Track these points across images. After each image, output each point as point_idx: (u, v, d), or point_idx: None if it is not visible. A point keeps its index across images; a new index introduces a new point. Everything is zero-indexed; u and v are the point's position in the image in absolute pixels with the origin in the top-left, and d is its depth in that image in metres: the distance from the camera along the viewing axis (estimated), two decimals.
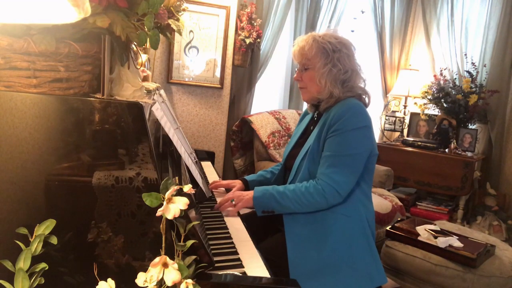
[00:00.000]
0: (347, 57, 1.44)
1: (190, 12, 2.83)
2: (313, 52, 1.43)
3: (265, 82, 3.42)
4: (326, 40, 1.43)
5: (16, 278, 0.77)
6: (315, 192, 1.34)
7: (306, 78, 1.47)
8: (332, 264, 1.33)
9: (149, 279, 0.76)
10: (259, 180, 1.72)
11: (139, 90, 0.99)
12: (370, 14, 3.77)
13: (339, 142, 1.36)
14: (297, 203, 1.36)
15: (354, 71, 1.46)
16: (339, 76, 1.43)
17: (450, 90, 3.47)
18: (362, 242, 1.39)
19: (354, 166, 1.36)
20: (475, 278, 1.78)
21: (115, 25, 0.86)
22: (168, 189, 0.82)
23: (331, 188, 1.33)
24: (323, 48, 1.42)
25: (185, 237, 0.85)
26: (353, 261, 1.35)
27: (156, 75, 2.87)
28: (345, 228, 1.38)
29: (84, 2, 0.69)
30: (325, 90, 1.44)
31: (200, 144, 3.08)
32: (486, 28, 3.46)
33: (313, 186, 1.35)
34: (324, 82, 1.43)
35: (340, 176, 1.34)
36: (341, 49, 1.43)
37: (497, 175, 3.46)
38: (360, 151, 1.37)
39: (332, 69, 1.42)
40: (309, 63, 1.45)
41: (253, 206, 1.42)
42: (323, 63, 1.42)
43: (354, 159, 1.36)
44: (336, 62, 1.42)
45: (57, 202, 0.88)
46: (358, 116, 1.38)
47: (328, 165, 1.36)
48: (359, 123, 1.37)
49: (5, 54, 0.83)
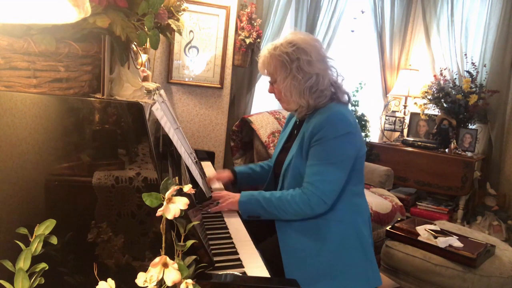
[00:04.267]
0: (307, 63, 1.38)
1: (190, 12, 2.83)
2: (271, 67, 1.42)
3: (265, 82, 3.41)
4: (282, 52, 1.38)
5: (16, 278, 0.77)
6: (300, 202, 1.33)
7: (276, 91, 1.47)
8: (327, 270, 1.33)
9: (149, 279, 0.76)
10: (248, 172, 1.75)
11: (139, 90, 0.99)
12: (370, 14, 3.77)
13: (322, 151, 1.35)
14: (282, 211, 1.36)
15: (319, 75, 1.40)
16: (302, 86, 1.39)
17: (450, 90, 3.47)
18: (356, 246, 1.38)
19: (338, 174, 1.35)
20: (475, 278, 1.78)
21: (115, 25, 0.86)
22: (168, 189, 0.82)
23: (317, 197, 1.32)
24: (280, 61, 1.39)
25: (185, 237, 0.85)
26: (348, 265, 1.35)
27: (156, 75, 2.87)
28: (338, 234, 1.37)
29: (84, 2, 0.69)
30: (292, 102, 1.43)
31: (200, 144, 3.08)
32: (486, 28, 3.46)
33: (298, 195, 1.34)
34: (290, 94, 1.41)
35: (325, 185, 1.33)
36: (299, 57, 1.37)
37: (497, 175, 3.46)
38: (343, 159, 1.35)
39: (292, 82, 1.39)
40: (272, 78, 1.46)
41: (238, 210, 1.43)
42: (283, 76, 1.40)
43: (337, 167, 1.34)
44: (295, 73, 1.38)
45: (57, 202, 0.88)
46: (338, 124, 1.35)
47: (313, 173, 1.35)
48: (341, 130, 1.35)
49: (5, 54, 0.83)
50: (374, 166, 3.19)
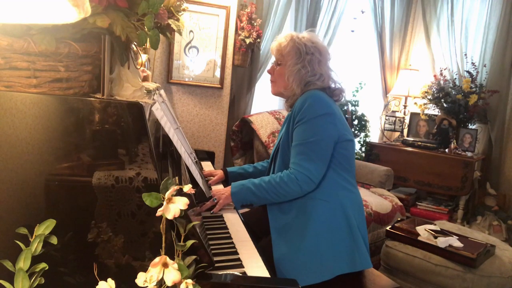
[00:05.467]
0: (318, 62, 1.51)
1: (190, 12, 2.83)
2: (287, 49, 1.51)
3: (265, 82, 3.42)
4: (303, 42, 1.51)
5: (16, 278, 0.77)
6: (289, 181, 1.38)
7: (277, 72, 1.56)
8: (314, 249, 1.34)
9: (149, 279, 0.76)
10: (239, 172, 1.79)
11: (139, 90, 0.99)
12: (370, 14, 3.77)
13: (304, 130, 1.42)
14: (273, 194, 1.40)
15: (322, 77, 1.52)
16: (305, 77, 1.51)
17: (450, 90, 3.47)
18: (342, 226, 1.39)
19: (320, 152, 1.41)
20: (475, 278, 1.78)
21: (115, 25, 0.86)
22: (168, 189, 0.82)
23: (303, 175, 1.37)
24: (297, 48, 1.50)
25: (185, 237, 0.85)
26: (333, 244, 1.36)
27: (156, 75, 2.87)
28: (324, 213, 1.40)
29: (84, 2, 0.69)
30: (290, 88, 1.53)
31: (200, 144, 3.08)
32: (486, 28, 3.46)
33: (286, 175, 1.40)
34: (292, 80, 1.51)
35: (309, 163, 1.39)
36: (314, 53, 1.50)
37: (497, 175, 3.46)
38: (323, 137, 1.41)
39: (301, 70, 1.49)
40: (282, 59, 1.54)
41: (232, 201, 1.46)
42: (294, 62, 1.50)
43: (319, 145, 1.40)
44: (306, 64, 1.50)
45: (57, 202, 0.88)
46: (315, 105, 1.43)
47: (297, 153, 1.42)
48: (319, 110, 1.42)
49: (5, 54, 0.83)
50: (374, 166, 3.19)
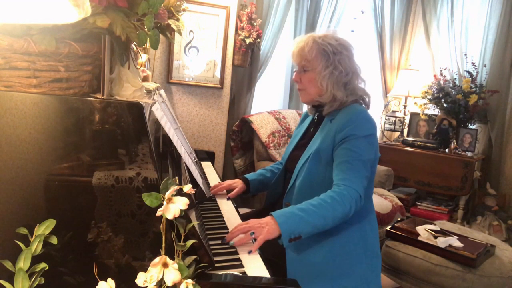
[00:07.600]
0: (347, 59, 1.43)
1: (190, 12, 2.83)
2: (313, 54, 1.41)
3: (265, 82, 3.42)
4: (327, 42, 1.41)
5: (16, 278, 0.77)
6: (344, 201, 1.25)
7: (305, 80, 1.45)
8: (329, 268, 1.33)
9: (149, 279, 0.76)
10: (260, 179, 1.70)
11: (139, 90, 0.99)
12: (370, 14, 3.76)
13: (352, 147, 1.34)
14: (329, 218, 1.24)
15: (355, 73, 1.45)
16: (341, 79, 1.42)
17: (450, 90, 3.47)
18: (359, 251, 1.37)
19: (366, 172, 1.35)
20: (475, 278, 1.78)
21: (115, 25, 0.86)
22: (168, 189, 0.82)
23: (356, 193, 1.28)
24: (323, 50, 1.41)
25: (185, 237, 0.85)
26: (348, 269, 1.34)
27: (156, 75, 2.87)
28: (344, 236, 1.36)
29: (84, 2, 0.69)
30: (327, 93, 1.43)
31: (200, 144, 3.08)
32: (486, 28, 3.46)
33: (338, 195, 1.26)
34: (326, 85, 1.41)
35: (361, 180, 1.32)
36: (341, 51, 1.42)
37: (497, 175, 3.45)
38: (368, 158, 1.36)
39: (333, 72, 1.41)
40: (309, 65, 1.43)
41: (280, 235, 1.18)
42: (324, 65, 1.41)
43: (365, 165, 1.35)
44: (337, 64, 1.41)
45: (57, 202, 0.88)
46: (365, 124, 1.37)
47: (347, 170, 1.32)
48: (367, 130, 1.37)
49: (5, 54, 0.83)
50: None
